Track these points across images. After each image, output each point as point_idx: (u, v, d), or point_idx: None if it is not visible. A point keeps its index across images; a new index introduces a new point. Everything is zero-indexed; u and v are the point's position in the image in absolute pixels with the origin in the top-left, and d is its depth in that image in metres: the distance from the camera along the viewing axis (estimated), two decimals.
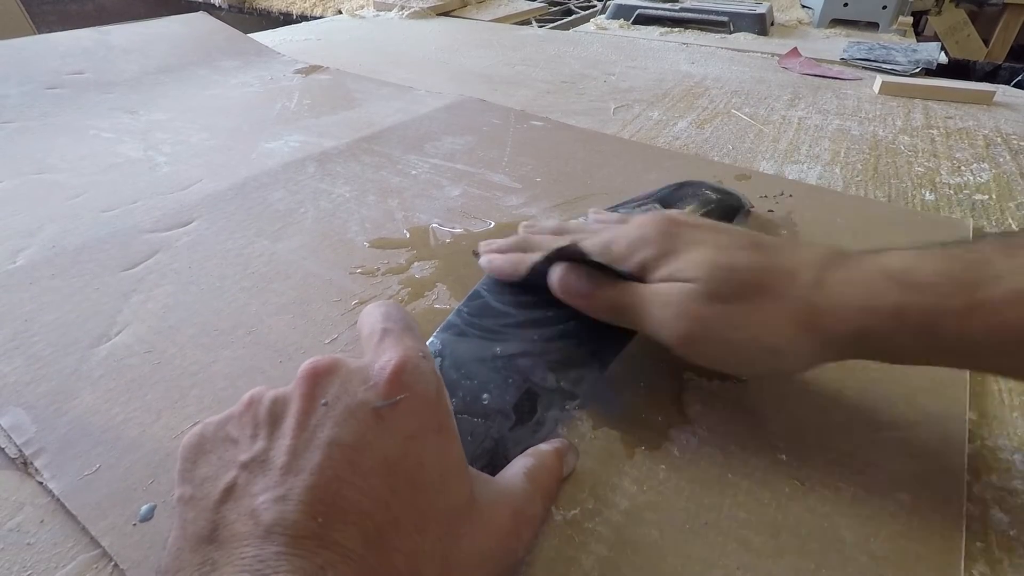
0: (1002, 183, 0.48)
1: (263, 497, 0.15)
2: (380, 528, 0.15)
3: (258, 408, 0.17)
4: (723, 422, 0.25)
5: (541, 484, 0.20)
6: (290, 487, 0.15)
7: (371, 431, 0.16)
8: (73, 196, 0.43)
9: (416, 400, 0.17)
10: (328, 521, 0.14)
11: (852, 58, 0.81)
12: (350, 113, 0.60)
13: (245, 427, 0.17)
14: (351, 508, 0.15)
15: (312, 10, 1.24)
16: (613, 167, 0.49)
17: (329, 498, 0.15)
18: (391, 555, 0.14)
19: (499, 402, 0.24)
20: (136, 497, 0.22)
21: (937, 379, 0.27)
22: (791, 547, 0.20)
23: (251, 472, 0.15)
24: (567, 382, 0.25)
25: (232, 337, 0.30)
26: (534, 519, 0.19)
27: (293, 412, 0.16)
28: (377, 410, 0.16)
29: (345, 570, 0.14)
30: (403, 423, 0.16)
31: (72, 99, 0.62)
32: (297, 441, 0.16)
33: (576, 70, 0.77)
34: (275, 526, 0.14)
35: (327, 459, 0.15)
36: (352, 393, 0.17)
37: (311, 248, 0.37)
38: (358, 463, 0.15)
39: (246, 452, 0.16)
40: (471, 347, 0.26)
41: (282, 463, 0.15)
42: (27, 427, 0.25)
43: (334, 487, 0.15)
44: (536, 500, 0.20)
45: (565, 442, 0.23)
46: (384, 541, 0.15)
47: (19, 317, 0.31)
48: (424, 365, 0.18)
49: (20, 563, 0.20)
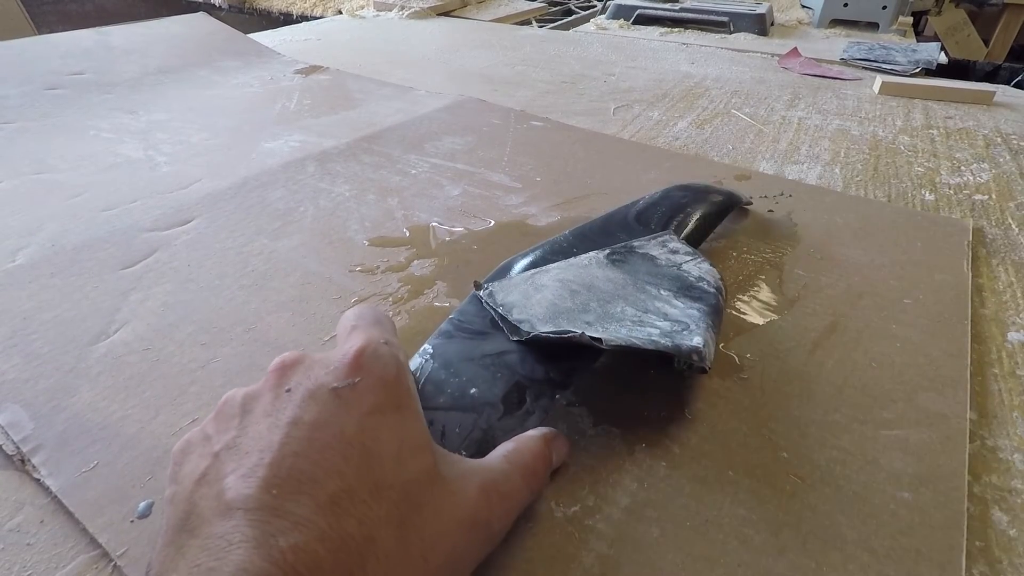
0: (1002, 183, 0.48)
1: (229, 479, 0.16)
2: (333, 496, 0.15)
3: (232, 405, 0.18)
4: (724, 419, 0.25)
5: (519, 463, 0.20)
6: (252, 466, 0.16)
7: (328, 409, 0.17)
8: (73, 196, 0.43)
9: (373, 379, 0.18)
10: (282, 493, 0.15)
11: (852, 58, 0.81)
12: (350, 113, 0.60)
13: (221, 423, 0.18)
14: (305, 479, 0.15)
15: (312, 10, 1.24)
16: (613, 167, 0.49)
17: (284, 472, 0.15)
18: (343, 520, 0.15)
19: (487, 395, 0.24)
20: (134, 494, 0.22)
21: (937, 379, 0.27)
22: (792, 545, 0.20)
23: (221, 459, 0.16)
24: (557, 373, 0.25)
25: (231, 335, 0.30)
26: (510, 494, 0.19)
27: (261, 402, 0.18)
28: (336, 390, 0.17)
29: (296, 535, 0.14)
30: (360, 401, 0.17)
31: (72, 99, 0.62)
32: (262, 426, 0.17)
33: (576, 70, 0.78)
34: (233, 502, 0.15)
35: (286, 437, 0.16)
36: (313, 378, 0.18)
37: (311, 246, 0.37)
38: (315, 439, 0.16)
39: (219, 443, 0.17)
40: (460, 347, 0.26)
41: (247, 447, 0.16)
42: (25, 424, 0.24)
43: (289, 462, 0.16)
44: (513, 477, 0.20)
45: (553, 430, 0.22)
46: (337, 507, 0.15)
47: (18, 315, 0.31)
48: (383, 349, 0.19)
49: (20, 563, 0.20)
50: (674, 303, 0.27)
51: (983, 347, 0.30)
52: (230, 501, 0.15)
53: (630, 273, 0.29)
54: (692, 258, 0.30)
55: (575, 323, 0.25)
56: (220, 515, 0.15)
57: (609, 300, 0.27)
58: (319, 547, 0.14)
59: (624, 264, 0.30)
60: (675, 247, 0.31)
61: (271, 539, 0.14)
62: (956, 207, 0.44)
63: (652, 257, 0.31)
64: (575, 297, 0.27)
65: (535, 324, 0.25)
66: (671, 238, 0.32)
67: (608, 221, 0.35)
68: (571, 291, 0.27)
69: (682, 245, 0.32)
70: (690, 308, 0.26)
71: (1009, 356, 0.30)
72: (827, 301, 0.32)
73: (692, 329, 0.25)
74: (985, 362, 0.29)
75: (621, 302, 0.27)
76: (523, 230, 0.40)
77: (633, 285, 0.28)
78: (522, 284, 0.28)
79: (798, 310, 0.32)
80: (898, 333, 0.30)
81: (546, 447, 0.21)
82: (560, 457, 0.22)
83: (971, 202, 0.45)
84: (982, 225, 0.42)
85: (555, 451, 0.22)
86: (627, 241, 0.32)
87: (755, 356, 0.29)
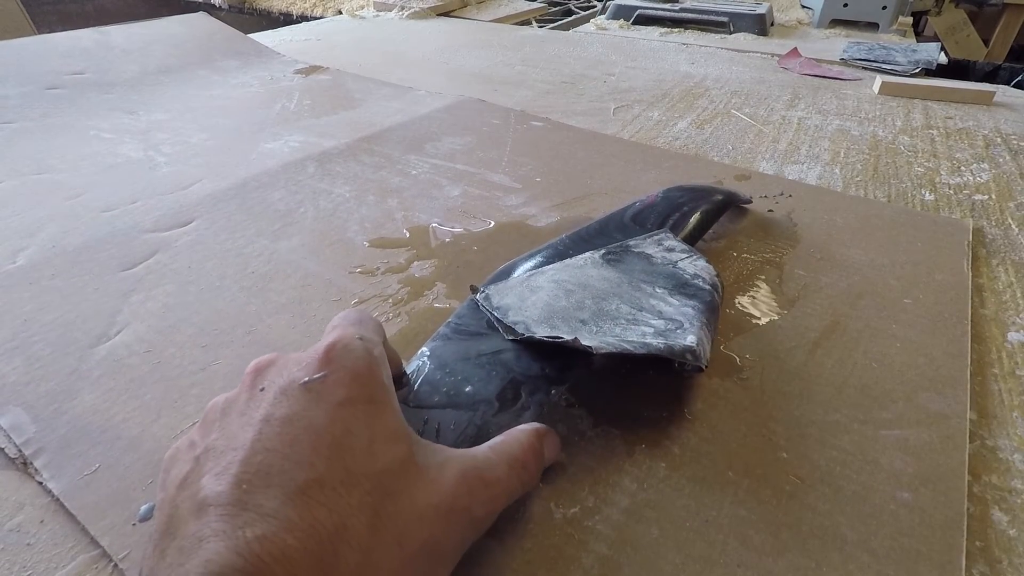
0: (1002, 183, 0.48)
1: (204, 479, 0.16)
2: (303, 487, 0.15)
3: (214, 411, 0.19)
4: (724, 420, 0.25)
5: (506, 452, 0.20)
6: (225, 465, 0.16)
7: (299, 403, 0.17)
8: (73, 196, 0.43)
9: (343, 372, 0.18)
10: (252, 488, 0.15)
11: (852, 58, 0.81)
12: (350, 113, 0.60)
13: (204, 428, 0.18)
14: (275, 472, 0.16)
15: (312, 10, 1.24)
16: (613, 167, 0.49)
17: (255, 467, 0.16)
18: (314, 509, 0.15)
19: (483, 392, 0.24)
20: (135, 497, 0.22)
21: (937, 379, 0.27)
22: (792, 545, 0.20)
23: (200, 462, 0.17)
24: (552, 369, 0.25)
25: (231, 336, 0.30)
26: (494, 482, 0.19)
27: (237, 404, 0.18)
28: (306, 384, 0.18)
29: (263, 526, 0.14)
30: (331, 393, 0.18)
31: (72, 99, 0.62)
32: (236, 425, 0.17)
33: (576, 70, 0.78)
34: (206, 500, 0.15)
35: (258, 434, 0.16)
36: (285, 375, 0.18)
37: (311, 248, 0.37)
38: (286, 433, 0.16)
39: (200, 448, 0.17)
40: (456, 348, 0.26)
41: (223, 447, 0.17)
42: (27, 427, 0.25)
43: (260, 457, 0.16)
44: (499, 466, 0.20)
45: (545, 426, 0.22)
46: (307, 497, 0.15)
47: (19, 317, 0.31)
48: (355, 343, 0.19)
49: (20, 563, 0.20)
50: (669, 301, 0.27)
51: (983, 347, 0.30)
52: (203, 499, 0.15)
53: (625, 271, 0.29)
54: (688, 255, 0.30)
55: (570, 322, 0.25)
56: (194, 514, 0.15)
57: (604, 298, 0.27)
58: (287, 536, 0.14)
59: (619, 263, 0.30)
60: (671, 245, 0.31)
61: (238, 531, 0.14)
62: (956, 207, 0.44)
63: (648, 255, 0.31)
64: (570, 296, 0.27)
65: (530, 325, 0.25)
66: (667, 236, 0.32)
67: (605, 224, 0.35)
68: (566, 291, 0.27)
69: (678, 243, 0.32)
70: (684, 306, 0.26)
71: (1009, 356, 0.30)
72: (827, 301, 0.32)
73: (686, 328, 0.25)
74: (985, 362, 0.29)
75: (616, 300, 0.27)
76: (523, 231, 0.40)
77: (628, 283, 0.28)
78: (518, 287, 0.29)
79: (798, 310, 0.32)
80: (898, 333, 0.30)
81: (536, 440, 0.21)
82: (552, 452, 0.22)
83: (971, 202, 0.45)
84: (982, 225, 0.42)
85: (547, 446, 0.22)
86: (623, 241, 0.32)
87: (755, 356, 0.29)
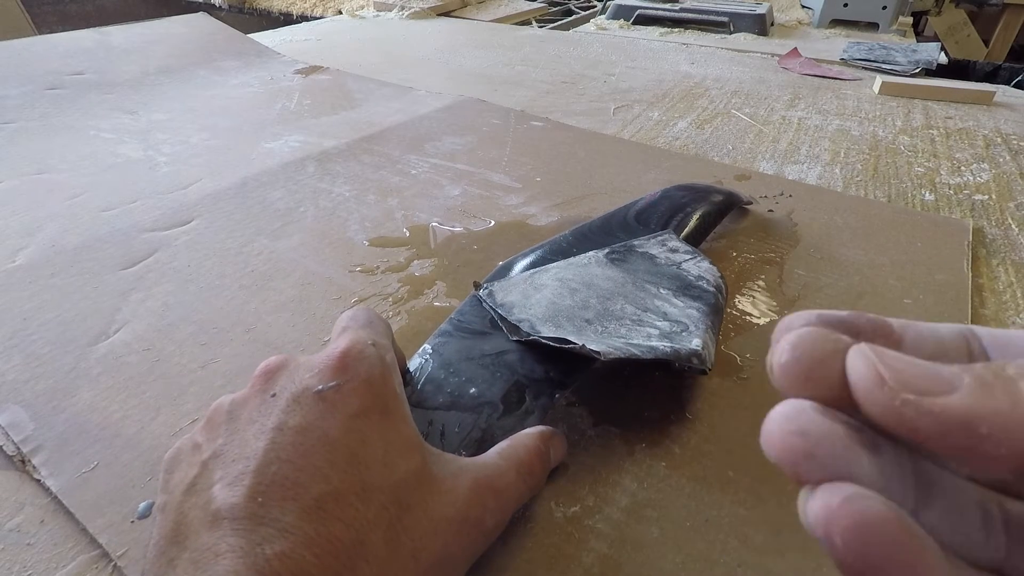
0: (1002, 183, 0.48)
1: (216, 488, 0.15)
2: (319, 500, 0.15)
3: (220, 413, 0.18)
4: (724, 419, 0.25)
5: (514, 458, 0.20)
6: (238, 474, 0.16)
7: (313, 413, 0.17)
8: (73, 196, 0.43)
9: (358, 381, 0.18)
10: (267, 500, 0.15)
11: (852, 58, 0.81)
12: (350, 113, 0.60)
13: (209, 431, 0.18)
14: (290, 484, 0.15)
15: (312, 10, 1.24)
16: (613, 167, 0.49)
17: (269, 479, 0.15)
18: (330, 524, 0.15)
19: (487, 394, 0.24)
20: (134, 494, 0.22)
21: None
22: (792, 544, 0.20)
23: (208, 468, 0.16)
24: (556, 372, 0.25)
25: (231, 335, 0.30)
26: (504, 490, 0.19)
27: (247, 408, 0.18)
28: (319, 393, 0.17)
29: (282, 543, 0.14)
30: (345, 404, 0.17)
31: (72, 100, 0.62)
32: (247, 433, 0.17)
33: (576, 70, 0.78)
34: (220, 512, 0.15)
35: (271, 443, 0.16)
36: (298, 381, 0.18)
37: (311, 247, 0.37)
38: (300, 443, 0.16)
39: (207, 452, 0.17)
40: (459, 347, 0.26)
41: (234, 454, 0.16)
42: (25, 425, 0.25)
43: (274, 468, 0.16)
44: (508, 473, 0.19)
45: (551, 428, 0.22)
46: (323, 511, 0.15)
47: (18, 315, 0.31)
48: (369, 351, 0.19)
49: (20, 563, 0.20)
50: (673, 302, 0.27)
51: None
52: (216, 511, 0.15)
53: (629, 272, 0.29)
54: (692, 257, 0.30)
55: (574, 321, 0.25)
56: (207, 526, 0.15)
57: (608, 298, 0.27)
58: (306, 552, 0.14)
59: (624, 263, 0.30)
60: (675, 246, 0.31)
61: (257, 548, 0.14)
62: (956, 207, 0.44)
63: (652, 256, 0.31)
64: (574, 295, 0.27)
65: (535, 324, 0.25)
66: (671, 237, 0.32)
67: (608, 221, 0.35)
68: (571, 289, 0.27)
69: (682, 244, 0.32)
70: (689, 307, 0.26)
71: None
72: (827, 301, 0.32)
73: (691, 331, 0.25)
74: None
75: (621, 300, 0.27)
76: (523, 230, 0.40)
77: (632, 284, 0.28)
78: (521, 284, 0.28)
79: (798, 310, 0.32)
80: None
81: (543, 444, 0.21)
82: (558, 456, 0.22)
83: (971, 202, 0.45)
84: (982, 225, 0.42)
85: (553, 449, 0.22)
86: (627, 240, 0.32)
87: (755, 356, 0.29)
